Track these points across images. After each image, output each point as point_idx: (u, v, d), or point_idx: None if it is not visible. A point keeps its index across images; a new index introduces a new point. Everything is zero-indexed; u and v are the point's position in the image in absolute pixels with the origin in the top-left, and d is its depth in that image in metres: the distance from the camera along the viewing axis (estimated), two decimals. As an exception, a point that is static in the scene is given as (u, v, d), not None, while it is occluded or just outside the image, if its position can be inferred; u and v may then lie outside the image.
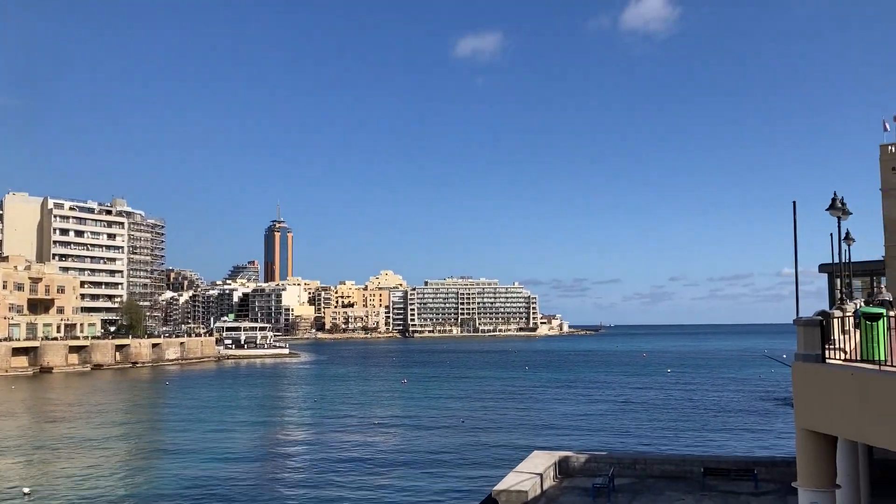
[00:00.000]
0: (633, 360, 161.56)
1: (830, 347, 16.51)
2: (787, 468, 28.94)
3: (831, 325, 17.14)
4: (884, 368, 14.52)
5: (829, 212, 24.67)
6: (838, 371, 15.20)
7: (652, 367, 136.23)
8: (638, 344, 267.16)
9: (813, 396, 15.64)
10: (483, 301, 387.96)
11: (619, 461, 33.30)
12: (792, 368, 16.31)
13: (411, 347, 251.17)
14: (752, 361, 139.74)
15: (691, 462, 32.82)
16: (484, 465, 44.72)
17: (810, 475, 15.60)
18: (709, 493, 29.33)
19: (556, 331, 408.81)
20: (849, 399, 14.68)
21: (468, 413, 69.63)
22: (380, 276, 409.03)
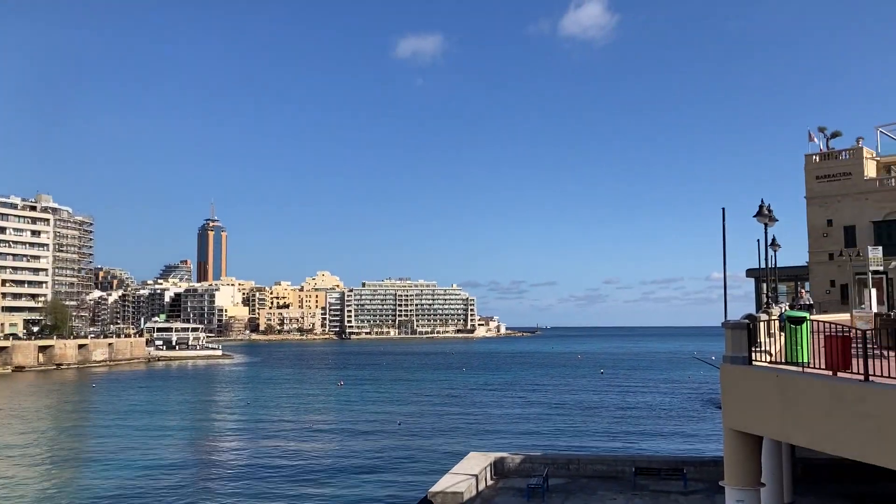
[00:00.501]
0: (569, 362, 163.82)
1: (757, 350, 17.01)
2: (715, 467, 29.71)
3: (758, 328, 17.65)
4: (806, 371, 15.04)
5: (757, 218, 25.49)
6: (764, 373, 15.68)
7: (586, 369, 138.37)
8: (573, 345, 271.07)
9: (740, 397, 16.10)
10: (421, 303, 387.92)
11: (553, 462, 33.69)
12: (720, 370, 16.75)
13: (348, 349, 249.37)
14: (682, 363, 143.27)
15: (623, 462, 33.44)
16: (420, 467, 44.69)
17: (736, 474, 16.05)
18: (640, 492, 29.92)
19: (493, 332, 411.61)
20: (773, 400, 15.16)
21: (405, 415, 69.49)
22: (316, 276, 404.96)
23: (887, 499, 27.16)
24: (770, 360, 16.87)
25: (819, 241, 66.61)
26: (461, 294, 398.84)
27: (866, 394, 12.90)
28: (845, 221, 64.97)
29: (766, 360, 16.91)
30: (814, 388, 14.21)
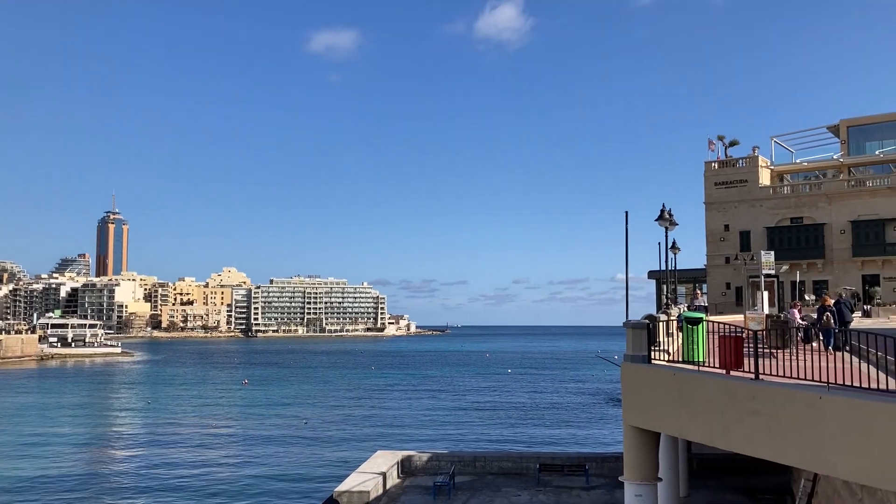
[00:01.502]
0: (477, 361, 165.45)
1: (656, 349, 17.60)
2: (616, 463, 30.57)
3: (657, 328, 18.25)
4: (702, 369, 15.65)
5: (658, 222, 26.40)
6: (662, 371, 16.22)
7: (494, 367, 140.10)
8: (482, 344, 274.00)
9: (639, 395, 16.60)
10: (330, 301, 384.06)
11: (459, 459, 33.95)
12: (621, 369, 17.25)
13: (254, 347, 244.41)
14: (586, 362, 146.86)
15: (528, 459, 34.01)
16: (326, 466, 44.24)
17: (635, 469, 16.56)
18: (543, 488, 30.50)
19: (403, 331, 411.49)
20: (671, 398, 15.70)
21: (312, 415, 68.66)
22: (222, 273, 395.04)
23: (775, 491, 28.60)
24: (668, 359, 17.47)
25: (716, 245, 69.55)
26: (371, 292, 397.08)
27: (756, 392, 13.51)
28: (741, 227, 68.06)
29: (665, 359, 17.51)
30: (708, 387, 14.80)
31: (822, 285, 61.69)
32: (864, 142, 69.24)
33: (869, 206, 62.05)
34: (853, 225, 62.86)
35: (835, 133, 72.06)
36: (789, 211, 66.57)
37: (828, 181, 68.02)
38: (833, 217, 64.03)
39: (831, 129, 72.62)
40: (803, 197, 66.80)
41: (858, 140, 69.79)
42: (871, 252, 61.65)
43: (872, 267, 61.85)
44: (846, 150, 70.22)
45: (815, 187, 67.50)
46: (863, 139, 69.30)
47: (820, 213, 64.83)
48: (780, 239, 64.98)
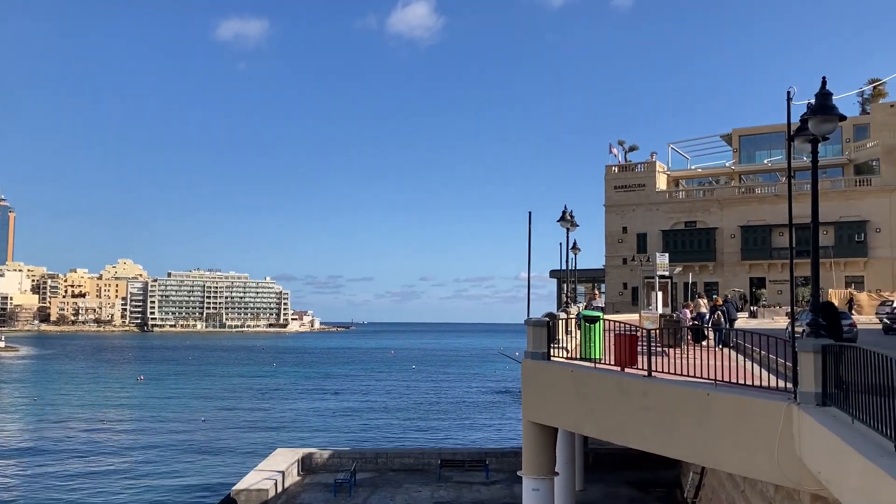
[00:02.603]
0: (381, 358, 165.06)
1: (555, 346, 18.04)
2: (515, 458, 31.12)
3: (556, 326, 18.71)
4: (598, 366, 16.15)
5: (560, 223, 27.05)
6: (560, 368, 16.65)
7: (399, 364, 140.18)
8: (387, 341, 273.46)
9: (538, 391, 16.98)
10: (231, 295, 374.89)
11: (361, 456, 33.86)
12: (521, 365, 17.61)
13: (150, 342, 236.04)
14: (490, 359, 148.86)
15: (429, 455, 34.23)
16: (225, 465, 43.23)
17: (533, 464, 16.94)
18: (444, 483, 30.77)
19: (307, 327, 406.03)
20: (568, 394, 16.14)
21: (210, 412, 66.93)
22: (117, 264, 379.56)
23: (666, 484, 29.81)
24: (567, 357, 17.95)
25: (615, 247, 71.81)
26: (274, 287, 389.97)
27: (649, 388, 14.05)
28: (638, 229, 70.52)
29: (564, 356, 17.98)
30: (604, 383, 15.29)
31: (713, 287, 64.61)
32: (754, 151, 72.89)
33: (757, 213, 65.38)
34: (742, 230, 66.09)
35: (728, 141, 75.57)
36: (684, 215, 69.41)
37: (720, 187, 71.26)
38: (724, 222, 67.15)
39: (724, 137, 76.11)
40: (697, 202, 69.77)
41: (749, 149, 73.42)
42: (759, 256, 65.00)
43: (759, 270, 65.24)
44: (738, 158, 73.76)
45: (708, 193, 70.61)
46: (753, 148, 72.95)
47: (712, 218, 67.87)
48: (674, 242, 67.68)
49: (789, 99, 10.63)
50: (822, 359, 10.42)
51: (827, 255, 59.43)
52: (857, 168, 66.29)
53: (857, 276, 61.05)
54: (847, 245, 61.42)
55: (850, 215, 61.51)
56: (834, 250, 60.48)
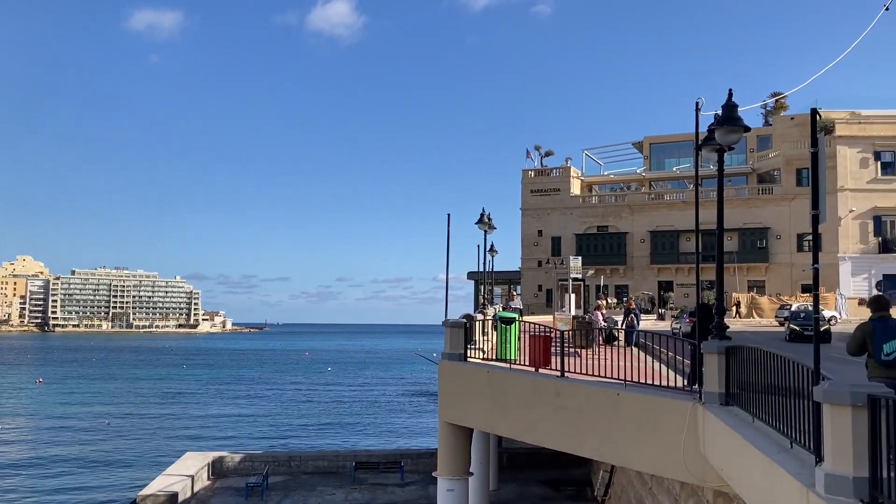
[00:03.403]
0: (296, 359, 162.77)
1: (472, 347, 18.21)
2: (430, 459, 31.23)
3: (474, 327, 18.89)
4: (513, 367, 16.39)
5: (478, 225, 27.34)
6: (476, 369, 16.81)
7: (314, 366, 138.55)
8: (302, 342, 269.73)
9: (454, 392, 17.10)
10: (139, 295, 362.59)
11: (274, 459, 33.33)
12: (438, 366, 17.70)
13: (51, 343, 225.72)
14: (406, 360, 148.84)
15: (344, 457, 34.00)
16: (131, 470, 41.76)
17: (448, 464, 17.05)
18: (359, 486, 30.60)
19: (218, 328, 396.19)
20: (483, 395, 16.32)
21: (116, 415, 64.53)
22: (16, 261, 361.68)
23: (577, 483, 30.46)
24: (483, 358, 18.14)
25: (530, 249, 73.01)
26: (185, 287, 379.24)
27: (562, 388, 14.35)
28: (553, 232, 71.91)
29: (480, 357, 18.17)
30: (518, 384, 15.53)
31: (624, 290, 66.48)
32: (663, 158, 75.38)
33: (666, 218, 67.64)
34: (651, 235, 68.23)
35: (639, 149, 77.91)
36: (596, 219, 71.17)
37: (631, 193, 73.38)
38: (634, 227, 69.18)
39: (636, 145, 78.43)
40: (609, 207, 71.67)
41: (659, 156, 75.88)
42: (667, 260, 67.24)
43: (667, 274, 67.48)
44: (648, 165, 76.12)
45: (619, 198, 72.61)
46: (663, 156, 75.43)
47: (623, 223, 69.81)
48: (587, 245, 69.30)
49: (698, 109, 11.06)
50: (724, 360, 10.87)
51: (731, 261, 61.98)
52: (760, 177, 69.42)
53: (758, 281, 63.90)
54: (750, 251, 64.22)
55: (752, 222, 64.33)
56: (737, 256, 63.17)
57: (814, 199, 7.33)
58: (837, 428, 6.24)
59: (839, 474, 6.18)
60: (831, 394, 6.30)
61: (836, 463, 6.23)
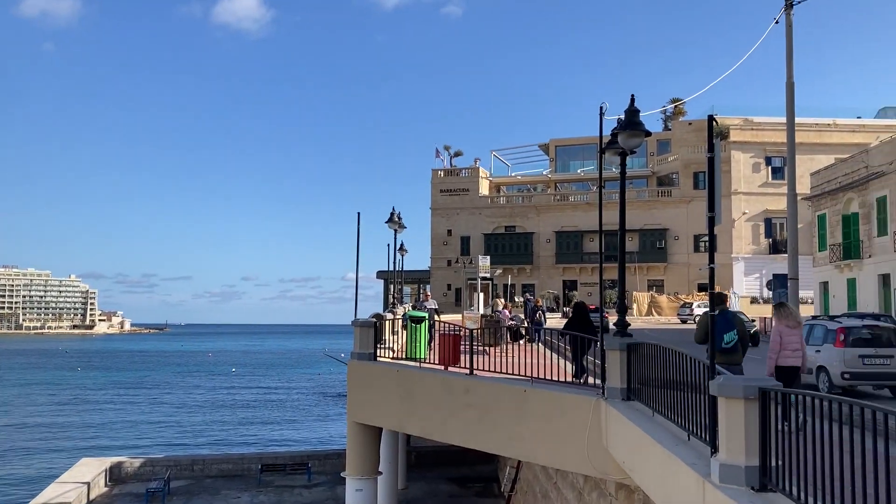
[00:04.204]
0: (198, 361, 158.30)
1: (382, 347, 18.20)
2: (339, 459, 31.00)
3: (383, 326, 18.88)
4: (423, 366, 16.47)
5: (388, 224, 27.32)
6: (386, 368, 16.81)
7: (217, 367, 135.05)
8: (205, 343, 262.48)
9: (363, 392, 17.05)
10: (30, 294, 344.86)
11: (176, 464, 32.37)
12: (347, 366, 17.60)
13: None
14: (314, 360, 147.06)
15: (249, 460, 33.36)
16: (22, 479, 39.69)
17: (357, 464, 16.98)
18: (265, 488, 30.08)
19: (116, 329, 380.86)
20: (393, 394, 16.33)
21: (5, 422, 61.19)
22: None
23: (484, 479, 30.83)
24: (393, 357, 18.16)
25: (440, 249, 73.43)
26: (80, 286, 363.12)
27: (470, 386, 14.52)
28: (462, 232, 72.56)
29: (390, 356, 18.18)
30: (428, 382, 15.62)
31: (530, 288, 67.73)
32: (569, 160, 77.22)
33: (571, 219, 69.33)
34: (557, 235, 69.79)
35: (545, 151, 79.51)
36: (504, 220, 72.26)
37: (537, 194, 74.84)
38: (541, 227, 70.59)
39: (542, 147, 80.00)
40: (517, 207, 72.89)
41: (564, 158, 77.67)
42: (571, 260, 68.92)
43: (572, 273, 69.18)
44: (554, 167, 77.79)
45: (526, 199, 73.93)
46: (568, 158, 77.26)
47: (530, 223, 71.13)
48: (495, 245, 70.26)
49: (602, 114, 11.40)
50: (626, 356, 11.25)
51: (632, 260, 64.03)
52: (660, 180, 72.04)
53: (658, 280, 66.33)
54: (650, 251, 66.56)
55: (652, 223, 66.69)
56: (638, 256, 65.34)
57: (710, 202, 7.69)
58: (731, 420, 6.57)
59: (732, 464, 6.50)
60: (725, 387, 6.62)
61: (729, 453, 6.56)
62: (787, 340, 10.47)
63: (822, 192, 46.39)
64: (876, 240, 40.31)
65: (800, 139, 58.40)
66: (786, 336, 10.49)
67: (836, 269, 44.14)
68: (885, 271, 39.21)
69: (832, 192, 44.96)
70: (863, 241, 41.71)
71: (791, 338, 10.49)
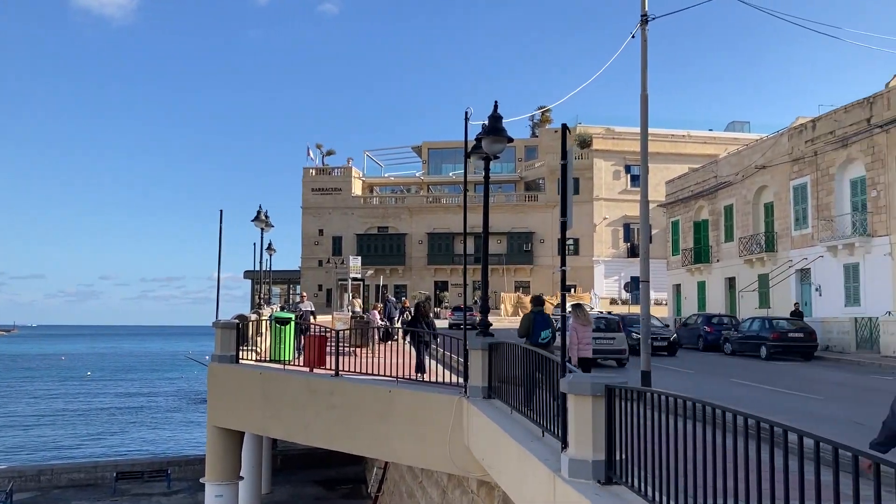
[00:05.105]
0: (51, 364, 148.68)
1: (246, 349, 17.77)
2: (200, 465, 29.95)
3: (248, 328, 18.43)
4: (287, 368, 16.22)
5: (254, 223, 26.68)
6: (249, 371, 16.43)
7: (71, 371, 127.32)
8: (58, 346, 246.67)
9: (225, 395, 16.59)
10: None
11: (20, 474, 30.38)
12: (208, 369, 17.08)
13: None
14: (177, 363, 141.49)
15: (104, 468, 31.77)
16: None
17: (217, 470, 16.50)
18: (121, 497, 28.72)
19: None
20: (256, 397, 15.98)
21: None
22: None
23: (352, 481, 30.68)
24: (258, 359, 17.76)
25: (311, 248, 72.43)
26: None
27: (335, 387, 14.42)
28: (334, 232, 71.90)
29: (254, 358, 17.77)
30: (292, 384, 15.39)
31: (402, 290, 68.02)
32: (441, 163, 78.16)
33: (442, 221, 70.17)
34: (429, 236, 70.46)
35: (418, 153, 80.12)
36: (377, 220, 72.23)
37: (410, 196, 75.30)
38: (413, 228, 71.05)
39: (415, 149, 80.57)
40: (389, 208, 73.03)
41: (437, 161, 78.56)
42: (442, 261, 69.76)
43: (443, 274, 70.02)
44: (427, 169, 78.53)
45: (399, 200, 74.22)
46: (440, 161, 78.19)
47: (403, 224, 71.45)
48: (368, 245, 70.07)
49: (467, 118, 11.64)
50: (488, 356, 11.51)
51: (500, 262, 65.58)
52: (527, 185, 74.17)
53: (524, 282, 68.20)
54: (517, 253, 68.37)
55: (520, 227, 68.56)
56: (506, 258, 67.01)
57: (563, 207, 8.00)
58: (579, 416, 6.85)
59: (580, 458, 6.77)
60: (575, 385, 6.90)
61: (578, 448, 6.83)
62: (581, 336, 12.53)
63: (675, 200, 49.23)
64: (723, 245, 43.19)
65: (656, 149, 62.13)
66: (580, 332, 12.53)
67: (688, 272, 46.94)
68: (731, 275, 42.10)
69: (685, 199, 47.80)
70: (712, 246, 44.57)
71: (585, 333, 12.61)
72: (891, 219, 30.22)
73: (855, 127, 32.00)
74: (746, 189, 40.58)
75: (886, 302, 30.05)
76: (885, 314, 29.33)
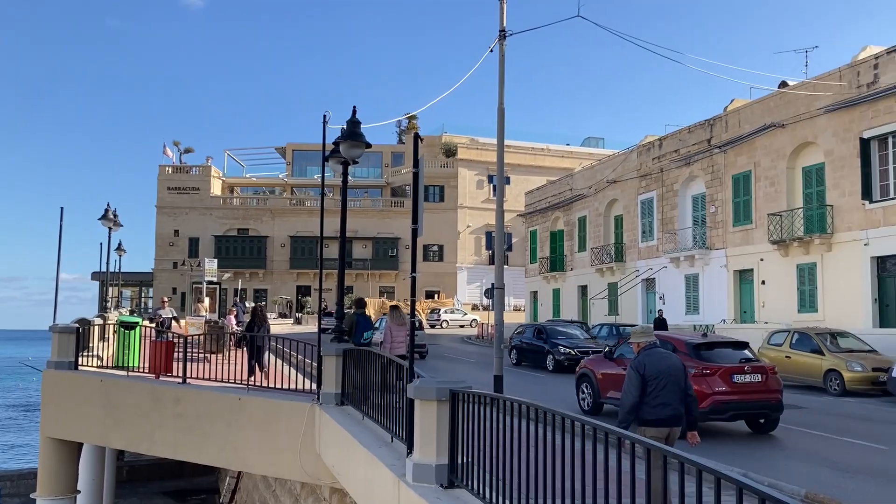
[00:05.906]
0: None
1: (87, 355, 16.76)
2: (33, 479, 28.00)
3: (90, 332, 17.42)
4: (131, 375, 15.44)
5: (102, 222, 25.30)
6: (88, 378, 15.52)
7: None
8: None
9: (61, 404, 15.58)
10: None
11: None
12: (42, 376, 16.00)
13: None
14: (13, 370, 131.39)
15: (-78, 486, 29.02)
16: None
17: (50, 484, 15.48)
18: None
19: None
20: (96, 405, 15.10)
21: None
22: None
23: (204, 491, 29.57)
24: (101, 365, 16.80)
25: (165, 250, 69.36)
26: None
27: (182, 395, 13.87)
28: (191, 233, 69.20)
29: (98, 364, 16.81)
30: (136, 392, 14.67)
31: (262, 294, 66.45)
32: (306, 165, 77.04)
33: (306, 224, 69.09)
34: (292, 240, 69.21)
35: (282, 154, 78.61)
36: (237, 222, 70.16)
37: (273, 198, 73.72)
38: (276, 231, 69.59)
39: (279, 150, 79.01)
40: (251, 210, 71.16)
41: (301, 163, 77.36)
42: (306, 265, 68.68)
43: (306, 279, 68.93)
44: (291, 171, 77.17)
45: (261, 202, 72.49)
46: (305, 163, 77.06)
47: (264, 227, 69.82)
48: (226, 248, 67.93)
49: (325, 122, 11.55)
50: (342, 361, 11.44)
51: (365, 267, 65.39)
52: (394, 191, 74.39)
53: (389, 287, 68.29)
54: (382, 259, 68.38)
55: (385, 232, 68.63)
56: (371, 263, 66.88)
57: (414, 214, 8.09)
58: (424, 421, 6.93)
59: (424, 463, 6.85)
60: (420, 390, 6.98)
61: (422, 453, 6.91)
62: (395, 335, 13.20)
63: (534, 211, 50.90)
64: (577, 255, 45.07)
65: (517, 161, 64.09)
66: (395, 332, 13.24)
67: (545, 279, 48.62)
68: (584, 283, 43.98)
69: (542, 210, 49.52)
70: (566, 255, 46.39)
71: (399, 333, 13.21)
72: (727, 233, 32.59)
73: (697, 146, 34.30)
74: (599, 202, 42.56)
75: (722, 310, 32.36)
76: (720, 322, 31.52)
